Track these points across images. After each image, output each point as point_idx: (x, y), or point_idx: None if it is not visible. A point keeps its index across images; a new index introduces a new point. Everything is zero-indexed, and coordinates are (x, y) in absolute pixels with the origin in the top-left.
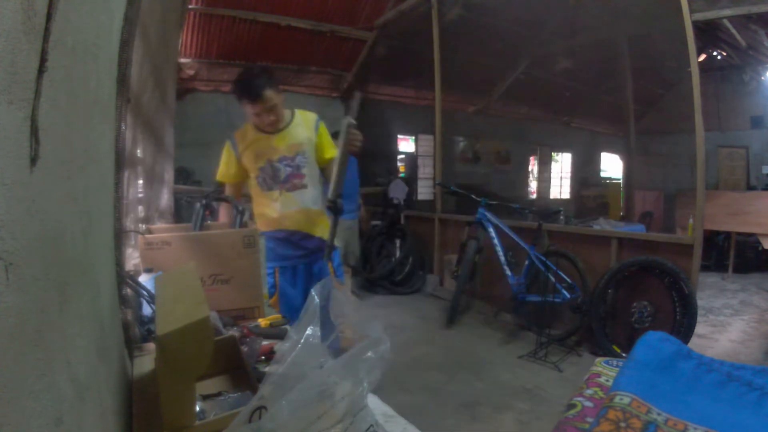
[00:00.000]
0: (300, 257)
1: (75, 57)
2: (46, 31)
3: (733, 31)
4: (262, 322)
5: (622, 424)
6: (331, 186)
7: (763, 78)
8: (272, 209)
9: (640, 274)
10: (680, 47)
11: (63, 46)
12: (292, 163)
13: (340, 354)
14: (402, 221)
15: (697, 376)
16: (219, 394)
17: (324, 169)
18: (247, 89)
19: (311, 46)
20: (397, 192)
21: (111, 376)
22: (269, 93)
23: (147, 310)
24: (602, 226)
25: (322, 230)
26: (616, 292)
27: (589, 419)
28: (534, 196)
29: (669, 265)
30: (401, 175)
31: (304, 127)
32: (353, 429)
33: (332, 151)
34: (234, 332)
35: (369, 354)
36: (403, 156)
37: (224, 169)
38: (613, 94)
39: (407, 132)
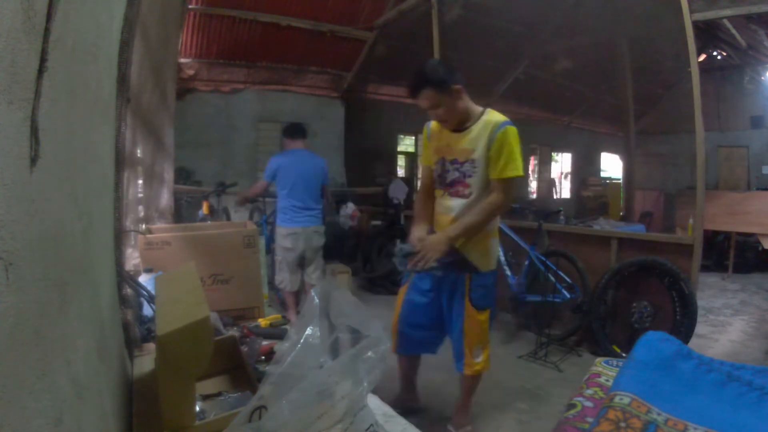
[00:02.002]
0: (442, 263)
1: (75, 57)
2: (46, 31)
3: (733, 31)
4: (262, 322)
5: (622, 424)
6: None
7: (763, 78)
8: (437, 206)
9: (640, 274)
10: (680, 47)
11: (63, 46)
12: (461, 169)
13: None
14: (402, 221)
15: (697, 376)
16: (219, 394)
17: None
18: (409, 84)
19: (311, 46)
20: (397, 192)
21: (111, 376)
22: (427, 92)
23: (147, 310)
24: (602, 226)
25: (471, 249)
26: (616, 292)
27: (589, 419)
28: (534, 195)
29: (669, 265)
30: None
31: (484, 133)
32: (353, 429)
33: (499, 172)
34: (234, 332)
35: (369, 354)
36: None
37: (424, 153)
38: (613, 94)
39: (407, 132)
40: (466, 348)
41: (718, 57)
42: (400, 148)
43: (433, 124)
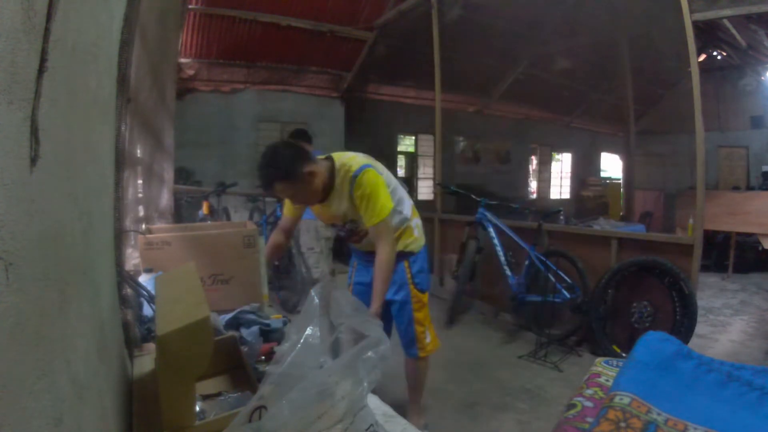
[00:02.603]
0: (370, 261)
1: (75, 57)
2: (46, 31)
3: (733, 31)
4: None
5: (622, 424)
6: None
7: (763, 78)
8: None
9: (640, 274)
10: (680, 47)
11: (63, 46)
12: (344, 228)
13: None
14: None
15: (697, 376)
16: (219, 394)
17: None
18: (262, 181)
19: (311, 46)
20: None
21: (111, 376)
22: (280, 186)
23: (147, 310)
24: (602, 226)
25: (403, 243)
26: (616, 292)
27: (589, 419)
28: (534, 195)
29: (669, 265)
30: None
31: (343, 194)
32: (353, 429)
33: (369, 220)
34: (234, 332)
35: (369, 354)
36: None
37: (287, 205)
38: (613, 94)
39: (407, 132)
40: (418, 332)
41: (718, 57)
42: (400, 148)
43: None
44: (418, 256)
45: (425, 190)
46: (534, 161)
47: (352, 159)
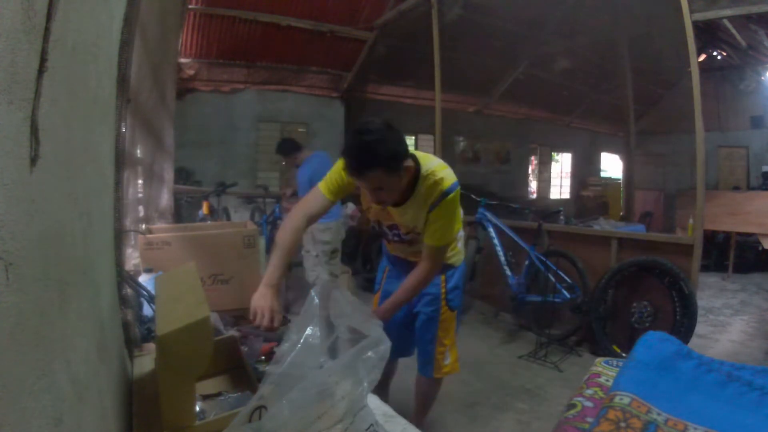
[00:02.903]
0: (406, 271)
1: (75, 57)
2: (46, 31)
3: (733, 31)
4: None
5: (622, 424)
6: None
7: (763, 78)
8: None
9: (640, 274)
10: (680, 47)
11: (63, 46)
12: (402, 236)
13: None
14: None
15: (697, 376)
16: (219, 394)
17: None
18: (349, 162)
19: (311, 46)
20: None
21: (111, 376)
22: (374, 175)
23: (147, 310)
24: (602, 226)
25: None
26: (616, 292)
27: (589, 419)
28: (534, 196)
29: (669, 265)
30: None
31: (422, 207)
32: (353, 429)
33: (431, 239)
34: (234, 332)
35: (369, 354)
36: None
37: (330, 183)
38: (613, 94)
39: (407, 132)
40: (438, 352)
41: (718, 57)
42: None
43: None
44: (457, 271)
45: None
46: (534, 161)
47: (442, 169)
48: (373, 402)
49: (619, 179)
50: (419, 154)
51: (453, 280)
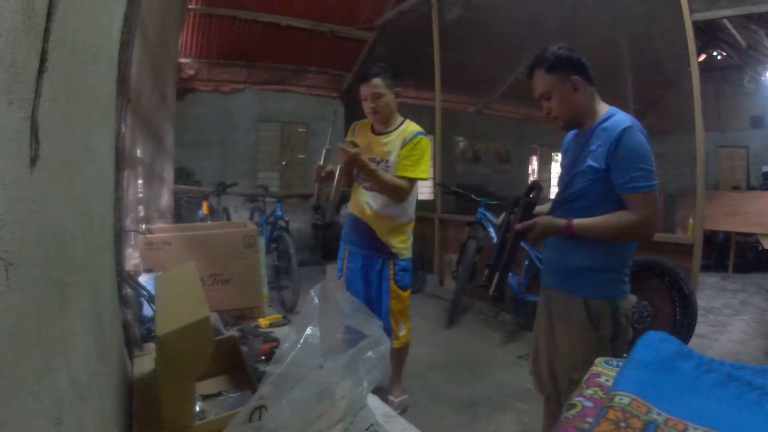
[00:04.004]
0: (363, 246)
1: (75, 57)
2: (46, 31)
3: (733, 31)
4: (263, 322)
5: (622, 424)
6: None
7: (763, 78)
8: (354, 196)
9: (640, 274)
10: (680, 47)
11: (63, 46)
12: (377, 164)
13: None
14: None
15: (697, 376)
16: (219, 394)
17: None
18: (364, 71)
19: (311, 46)
20: None
21: (111, 376)
22: (378, 81)
23: (147, 310)
24: None
25: (388, 236)
26: None
27: (589, 419)
28: None
29: (669, 265)
30: None
31: (400, 138)
32: (353, 429)
33: (403, 170)
34: (234, 332)
35: (369, 354)
36: None
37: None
38: (613, 94)
39: None
40: (393, 324)
41: (718, 57)
42: None
43: (358, 124)
44: (407, 261)
45: (425, 190)
46: (534, 161)
47: (414, 124)
48: (373, 402)
49: None
50: (408, 120)
51: (401, 264)
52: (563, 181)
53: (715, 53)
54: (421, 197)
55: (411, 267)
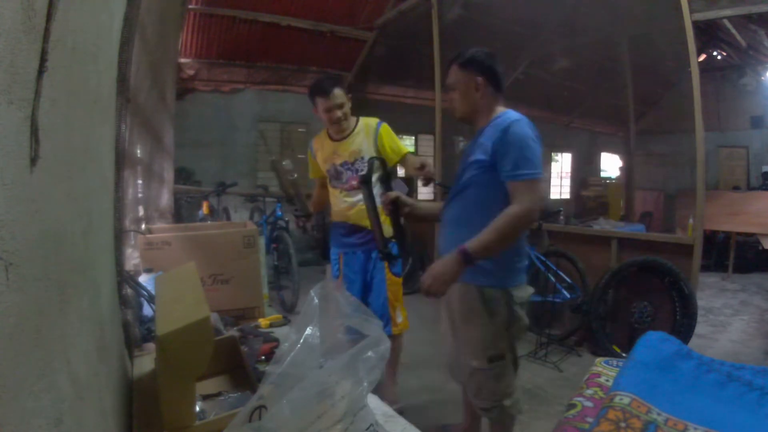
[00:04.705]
0: (358, 245)
1: (75, 57)
2: (46, 31)
3: (733, 31)
4: (263, 322)
5: (622, 424)
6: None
7: (763, 78)
8: (335, 203)
9: (640, 274)
10: (680, 47)
11: (63, 46)
12: (352, 167)
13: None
14: (402, 221)
15: (697, 376)
16: (219, 394)
17: (401, 164)
18: (321, 86)
19: (311, 46)
20: (397, 191)
21: (111, 376)
22: (339, 91)
23: (147, 310)
24: (602, 226)
25: (387, 228)
26: (616, 292)
27: (589, 419)
28: None
29: (669, 265)
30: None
31: (365, 133)
32: (353, 429)
33: (398, 151)
34: (234, 332)
35: (369, 354)
36: None
37: (310, 167)
38: (613, 94)
39: (407, 132)
40: (391, 311)
41: (718, 57)
42: None
43: (314, 142)
44: (394, 245)
45: (425, 190)
46: None
47: (367, 117)
48: (373, 402)
49: (613, 178)
50: (361, 117)
51: (393, 252)
52: (457, 174)
53: (715, 53)
54: (421, 197)
55: (399, 254)
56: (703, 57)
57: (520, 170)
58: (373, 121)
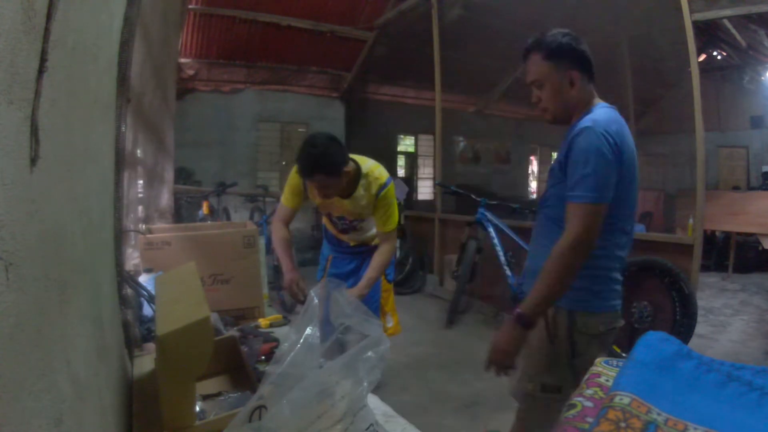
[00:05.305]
0: (351, 252)
1: (75, 57)
2: (46, 31)
3: (733, 31)
4: (263, 322)
5: (622, 424)
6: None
7: (763, 78)
8: (327, 226)
9: (640, 274)
10: (680, 47)
11: (63, 46)
12: (348, 224)
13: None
14: (402, 221)
15: (697, 376)
16: (219, 394)
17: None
18: (302, 166)
19: (311, 46)
20: (397, 192)
21: (111, 376)
22: (320, 177)
23: (147, 310)
24: None
25: (370, 240)
26: None
27: (589, 419)
28: (534, 196)
29: (669, 265)
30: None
31: (366, 197)
32: (353, 428)
33: (384, 227)
34: (234, 332)
35: (369, 354)
36: None
37: (288, 194)
38: (613, 94)
39: (407, 132)
40: (382, 318)
41: (718, 57)
42: (400, 148)
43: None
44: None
45: (425, 190)
46: (534, 161)
47: (377, 168)
48: (373, 402)
49: None
50: (357, 157)
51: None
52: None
53: (715, 53)
54: (421, 197)
55: (392, 261)
56: (703, 57)
57: (574, 191)
58: (379, 180)
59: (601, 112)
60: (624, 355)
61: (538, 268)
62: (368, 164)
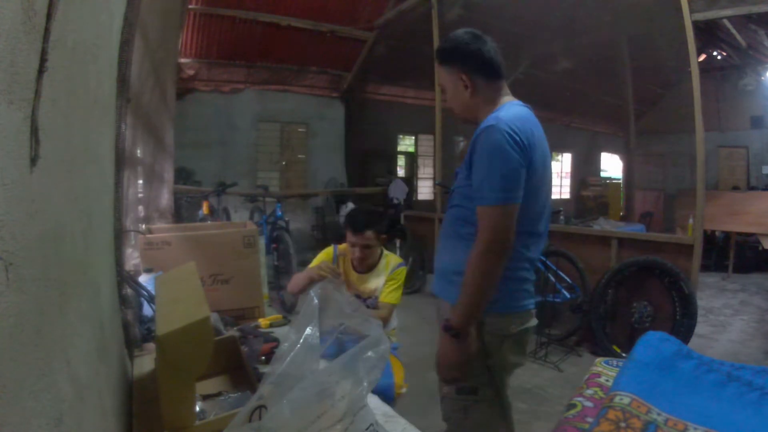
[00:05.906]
0: None
1: (75, 57)
2: (46, 31)
3: (733, 31)
4: (262, 322)
5: (622, 424)
6: None
7: (763, 78)
8: None
9: (640, 274)
10: (680, 47)
11: (63, 46)
12: (364, 302)
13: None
14: (402, 221)
15: (697, 376)
16: (219, 394)
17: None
18: (354, 220)
19: (311, 46)
20: (397, 192)
21: (111, 376)
22: (371, 233)
23: (147, 310)
24: (602, 226)
25: None
26: (616, 292)
27: (589, 419)
28: None
29: (669, 265)
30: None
31: (384, 274)
32: (353, 428)
33: (386, 297)
34: (234, 332)
35: (369, 354)
36: None
37: (321, 261)
38: (613, 94)
39: (407, 132)
40: (397, 390)
41: (718, 57)
42: (400, 148)
43: (343, 249)
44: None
45: (425, 190)
46: None
47: (392, 256)
48: (373, 402)
49: (619, 179)
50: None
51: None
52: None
53: (715, 53)
54: (421, 197)
55: None
56: (703, 57)
57: (480, 192)
58: (396, 260)
59: (508, 110)
60: (624, 355)
61: (442, 268)
62: (388, 253)
